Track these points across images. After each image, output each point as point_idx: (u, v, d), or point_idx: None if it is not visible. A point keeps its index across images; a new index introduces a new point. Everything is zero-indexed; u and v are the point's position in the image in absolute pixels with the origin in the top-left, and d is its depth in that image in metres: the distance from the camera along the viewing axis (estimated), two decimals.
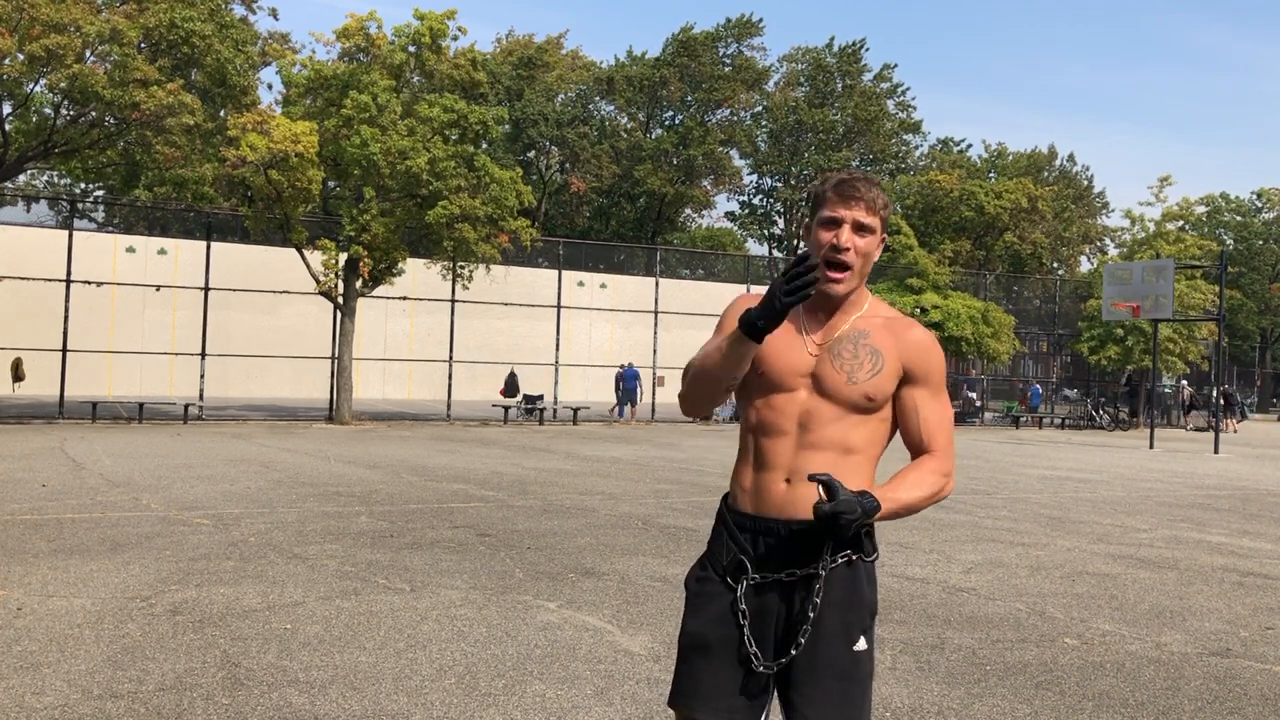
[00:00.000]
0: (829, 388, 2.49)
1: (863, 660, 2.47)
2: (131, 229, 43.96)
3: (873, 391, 2.47)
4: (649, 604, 6.61)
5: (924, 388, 2.52)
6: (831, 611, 2.45)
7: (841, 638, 2.45)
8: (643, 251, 44.86)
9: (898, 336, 2.52)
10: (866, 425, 2.50)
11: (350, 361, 25.93)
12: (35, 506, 10.17)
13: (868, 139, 58.27)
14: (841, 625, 2.45)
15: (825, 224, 2.50)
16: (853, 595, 2.47)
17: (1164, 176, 52.05)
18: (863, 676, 2.47)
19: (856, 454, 2.48)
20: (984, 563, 8.52)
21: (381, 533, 9.13)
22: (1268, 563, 9.00)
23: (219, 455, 16.14)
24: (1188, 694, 5.11)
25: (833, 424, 2.48)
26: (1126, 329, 35.13)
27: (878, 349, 2.50)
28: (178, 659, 5.19)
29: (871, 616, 2.51)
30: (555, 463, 16.58)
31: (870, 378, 2.48)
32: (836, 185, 2.51)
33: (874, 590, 2.54)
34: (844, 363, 2.49)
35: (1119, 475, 17.56)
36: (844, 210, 2.48)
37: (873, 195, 2.49)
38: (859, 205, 2.48)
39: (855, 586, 2.48)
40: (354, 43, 25.71)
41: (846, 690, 2.44)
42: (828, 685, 2.43)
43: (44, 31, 20.51)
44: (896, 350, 2.50)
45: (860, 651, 2.47)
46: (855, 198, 2.48)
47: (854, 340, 2.51)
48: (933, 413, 2.53)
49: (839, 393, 2.48)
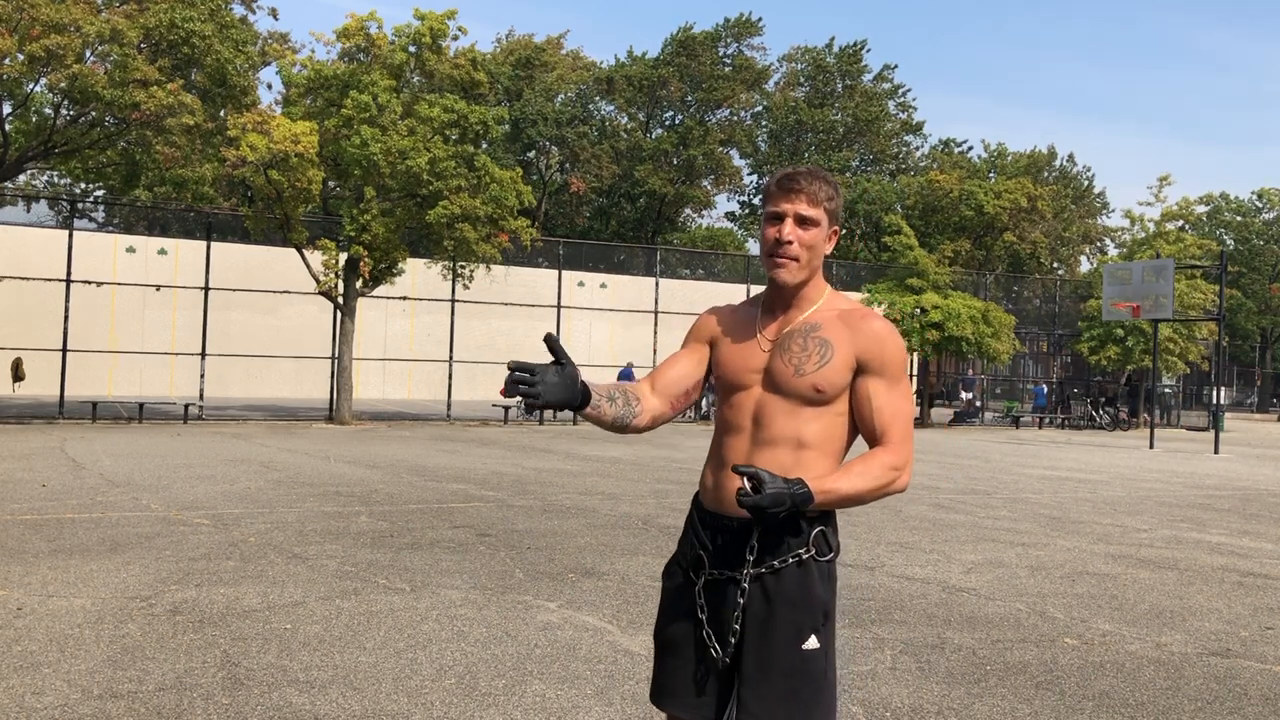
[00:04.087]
0: (778, 381, 2.49)
1: (813, 659, 2.45)
2: (131, 229, 43.93)
3: (820, 383, 2.46)
4: (649, 604, 6.61)
5: (879, 378, 2.49)
6: (782, 609, 2.44)
7: (791, 636, 2.44)
8: (643, 251, 44.84)
9: (852, 327, 2.50)
10: (821, 420, 2.49)
11: (350, 361, 25.93)
12: (35, 506, 10.17)
13: (868, 139, 58.29)
14: (791, 623, 2.44)
15: (769, 218, 2.53)
16: (804, 593, 2.45)
17: (1164, 176, 52.04)
18: (813, 675, 2.44)
19: (811, 449, 2.47)
20: (984, 563, 8.52)
21: (381, 533, 9.13)
22: (1268, 563, 9.00)
23: (219, 455, 16.14)
24: (1188, 694, 5.11)
25: (785, 418, 2.48)
26: (1126, 329, 35.12)
27: (827, 340, 2.49)
28: (178, 659, 5.19)
29: (825, 615, 2.48)
30: (555, 463, 16.58)
31: (818, 369, 2.46)
32: (779, 179, 2.52)
33: (829, 589, 2.50)
34: (792, 356, 2.49)
35: (1119, 475, 17.56)
36: (786, 204, 2.49)
37: (814, 188, 2.49)
38: (800, 198, 2.49)
39: (807, 585, 2.46)
40: (354, 43, 25.70)
41: (795, 689, 2.43)
42: (775, 683, 2.42)
43: (44, 31, 20.51)
44: (850, 341, 2.49)
45: (810, 650, 2.45)
46: (796, 190, 2.49)
47: (804, 333, 2.51)
48: (887, 404, 2.49)
49: (788, 385, 2.48)
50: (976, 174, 53.81)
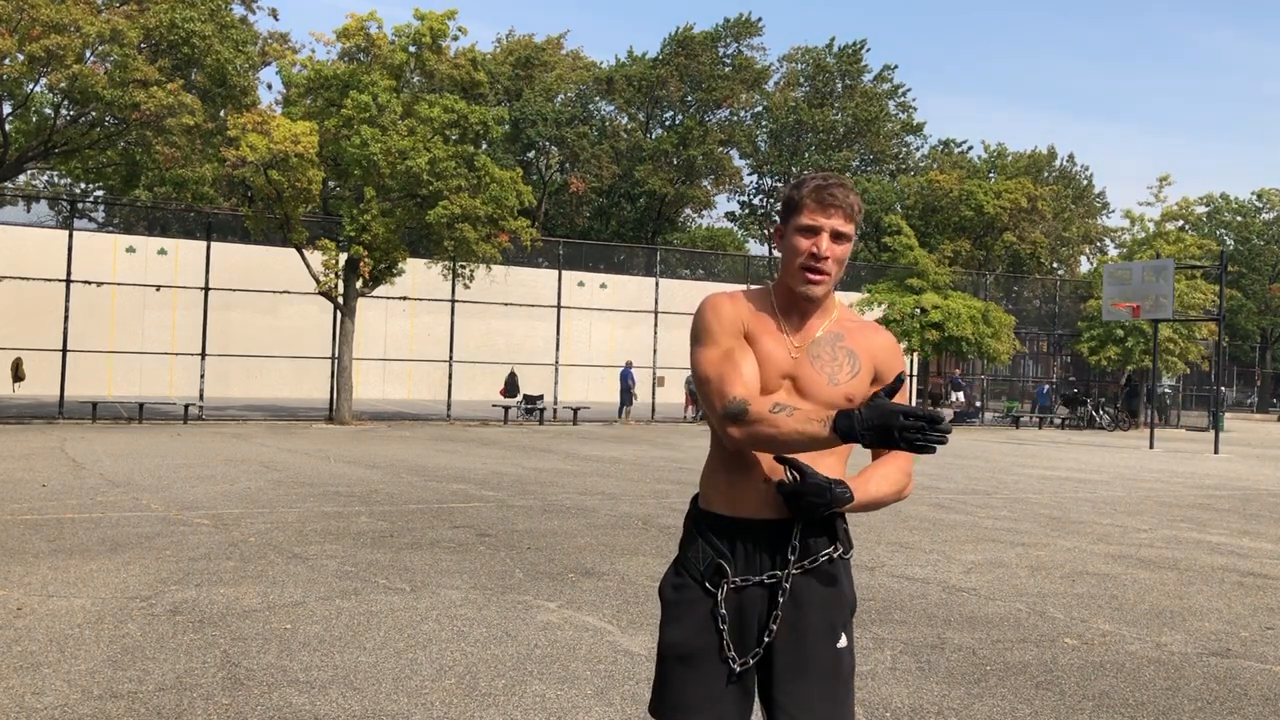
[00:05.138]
0: (810, 389, 2.48)
1: (844, 657, 2.48)
2: (131, 229, 43.94)
3: (852, 393, 2.48)
4: (649, 604, 6.61)
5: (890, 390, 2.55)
6: (815, 609, 2.45)
7: (826, 635, 2.45)
8: (643, 251, 44.85)
9: (869, 340, 2.56)
10: None
11: (350, 361, 25.93)
12: (35, 506, 10.17)
13: (868, 139, 58.30)
14: (826, 623, 2.45)
15: (803, 231, 2.49)
16: (835, 592, 2.48)
17: (1164, 176, 52.17)
18: (846, 674, 2.47)
19: (830, 455, 2.48)
20: (984, 563, 8.52)
21: (381, 533, 9.13)
22: (1268, 563, 9.00)
23: (219, 455, 16.14)
24: (1188, 694, 5.11)
25: None
26: (1126, 329, 35.12)
27: (854, 351, 2.52)
28: (178, 659, 5.19)
29: (851, 612, 2.53)
30: (555, 463, 16.58)
31: (850, 379, 2.49)
32: (814, 191, 2.49)
33: (852, 586, 2.56)
34: (824, 364, 2.50)
35: (1119, 475, 17.56)
36: (822, 218, 2.47)
37: (850, 201, 2.49)
38: (837, 213, 2.47)
39: (837, 583, 2.49)
40: (354, 43, 25.71)
41: (832, 688, 2.44)
42: (814, 684, 2.42)
43: (44, 32, 20.51)
44: (869, 353, 2.53)
45: (842, 649, 2.47)
46: (835, 205, 2.47)
47: (831, 343, 2.52)
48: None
49: (820, 394, 2.47)
50: (976, 174, 53.84)
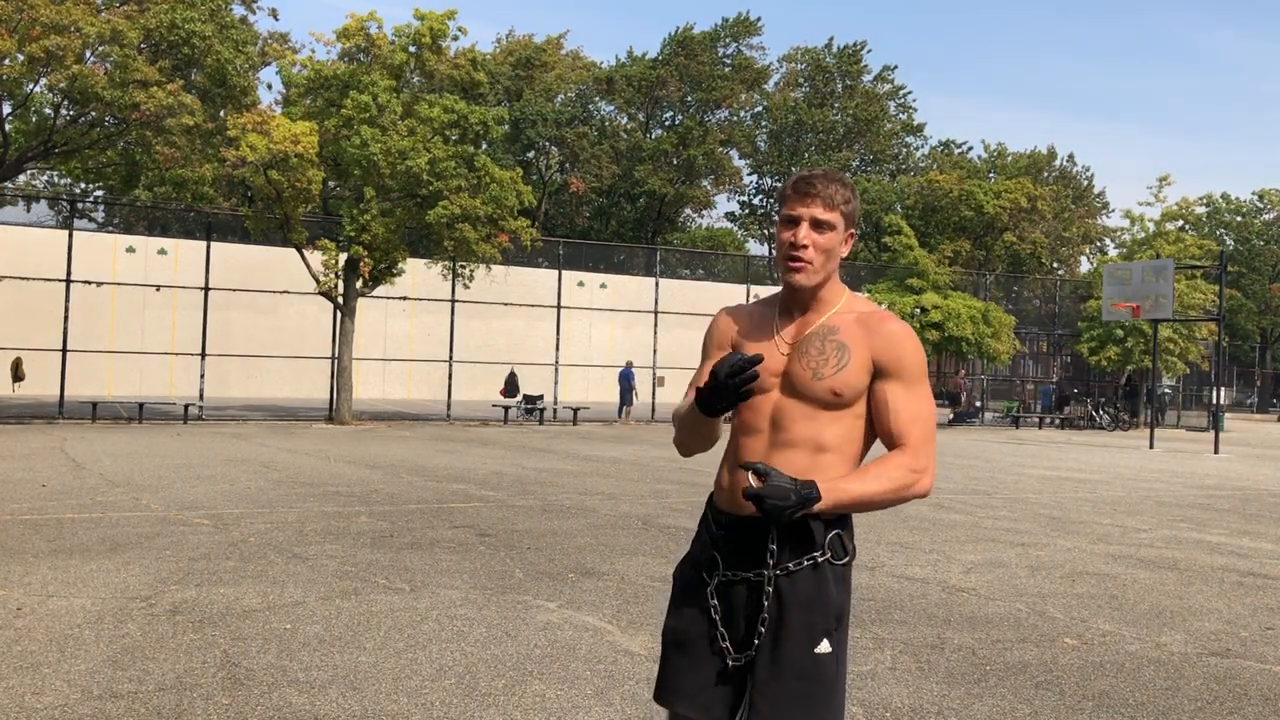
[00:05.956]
0: (797, 385, 2.49)
1: (825, 663, 2.43)
2: (131, 229, 43.97)
3: (838, 386, 2.45)
4: (649, 604, 6.61)
5: (896, 381, 2.48)
6: (795, 612, 2.43)
7: (804, 639, 2.43)
8: (643, 251, 44.86)
9: (870, 330, 2.50)
10: (840, 423, 2.48)
11: (350, 361, 25.93)
12: (35, 506, 10.17)
13: (868, 140, 58.32)
14: (804, 626, 2.43)
15: (785, 222, 2.53)
16: (817, 597, 2.44)
17: (1164, 176, 52.14)
18: (826, 680, 2.43)
19: (829, 452, 2.47)
20: (984, 563, 8.52)
21: (381, 533, 9.13)
22: (1268, 563, 9.00)
23: (219, 455, 16.14)
24: (1188, 694, 5.11)
25: (804, 422, 2.47)
26: (1126, 329, 35.11)
27: (844, 343, 2.49)
28: (178, 659, 5.19)
29: (838, 619, 2.47)
30: (555, 463, 16.58)
31: (836, 373, 2.46)
32: (795, 183, 2.52)
33: (843, 593, 2.50)
34: (810, 359, 2.49)
35: (1119, 475, 17.56)
36: (801, 208, 2.49)
37: (830, 191, 2.49)
38: (816, 202, 2.48)
39: (821, 588, 2.45)
40: (354, 43, 25.71)
41: (807, 692, 2.41)
42: (788, 686, 2.41)
43: (44, 32, 20.51)
44: (867, 344, 2.48)
45: (823, 654, 2.43)
46: (812, 194, 2.49)
47: (822, 337, 2.51)
48: (905, 406, 2.48)
49: (807, 389, 2.47)
50: (976, 174, 53.84)
